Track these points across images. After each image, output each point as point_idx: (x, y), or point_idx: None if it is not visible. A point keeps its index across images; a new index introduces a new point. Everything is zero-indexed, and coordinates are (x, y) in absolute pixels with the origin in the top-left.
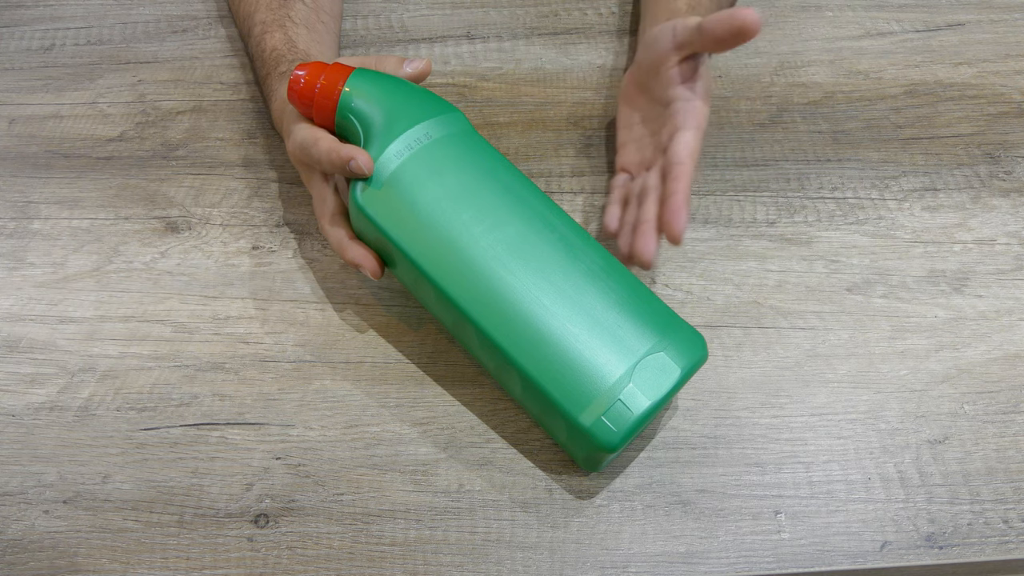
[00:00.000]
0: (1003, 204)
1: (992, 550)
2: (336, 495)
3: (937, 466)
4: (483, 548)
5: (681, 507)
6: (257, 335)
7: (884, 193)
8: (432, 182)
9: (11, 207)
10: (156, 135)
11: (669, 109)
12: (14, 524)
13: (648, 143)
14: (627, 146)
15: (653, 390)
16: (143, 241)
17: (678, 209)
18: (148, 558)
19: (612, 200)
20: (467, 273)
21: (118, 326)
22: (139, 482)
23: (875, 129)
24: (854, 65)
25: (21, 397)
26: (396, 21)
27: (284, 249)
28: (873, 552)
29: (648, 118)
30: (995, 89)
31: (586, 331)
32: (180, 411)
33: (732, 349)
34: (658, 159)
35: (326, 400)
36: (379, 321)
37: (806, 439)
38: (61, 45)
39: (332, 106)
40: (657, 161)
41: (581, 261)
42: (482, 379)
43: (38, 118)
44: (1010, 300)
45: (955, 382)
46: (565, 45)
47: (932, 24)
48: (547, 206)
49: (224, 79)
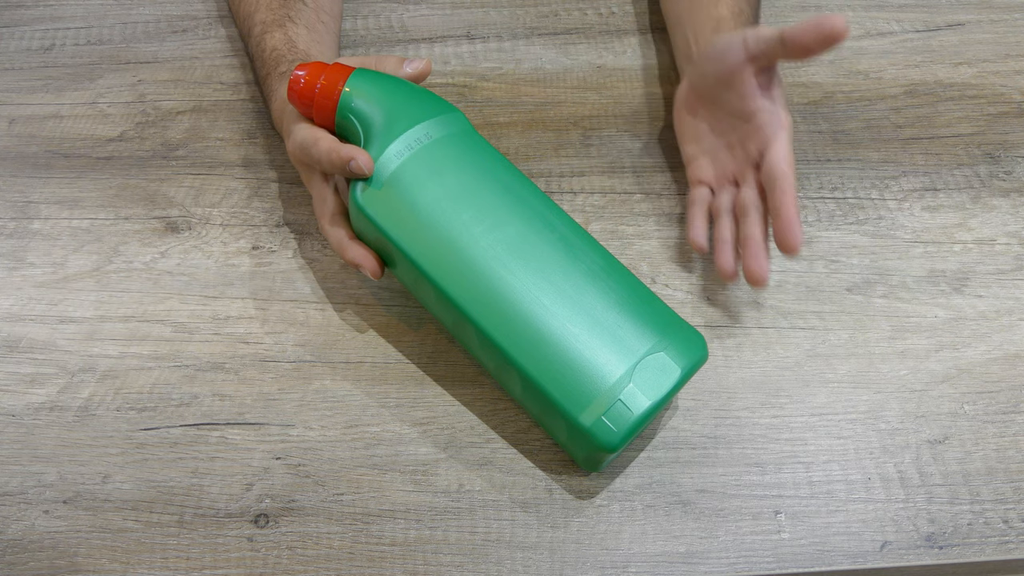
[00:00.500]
0: (1003, 204)
1: (992, 550)
2: (336, 495)
3: (937, 466)
4: (483, 548)
5: (681, 507)
6: (257, 335)
7: (884, 193)
8: (432, 182)
9: (11, 207)
10: (156, 135)
11: (753, 122)
12: (14, 524)
13: (726, 156)
14: (699, 160)
15: (653, 390)
16: (143, 241)
17: (792, 222)
18: (148, 558)
19: (696, 215)
20: (467, 273)
21: (118, 326)
22: (139, 482)
23: (875, 129)
24: (854, 65)
25: (21, 397)
26: (396, 21)
27: (284, 249)
28: (873, 552)
29: (720, 130)
30: (995, 89)
31: (586, 331)
32: (180, 411)
33: (732, 349)
34: (747, 172)
35: (326, 400)
36: (379, 321)
37: (806, 439)
38: (61, 45)
39: (332, 106)
40: (746, 174)
41: (581, 261)
42: (482, 379)
43: (38, 118)
44: (1010, 300)
45: (955, 382)
46: (565, 45)
47: (932, 24)
48: (547, 206)
49: (224, 79)
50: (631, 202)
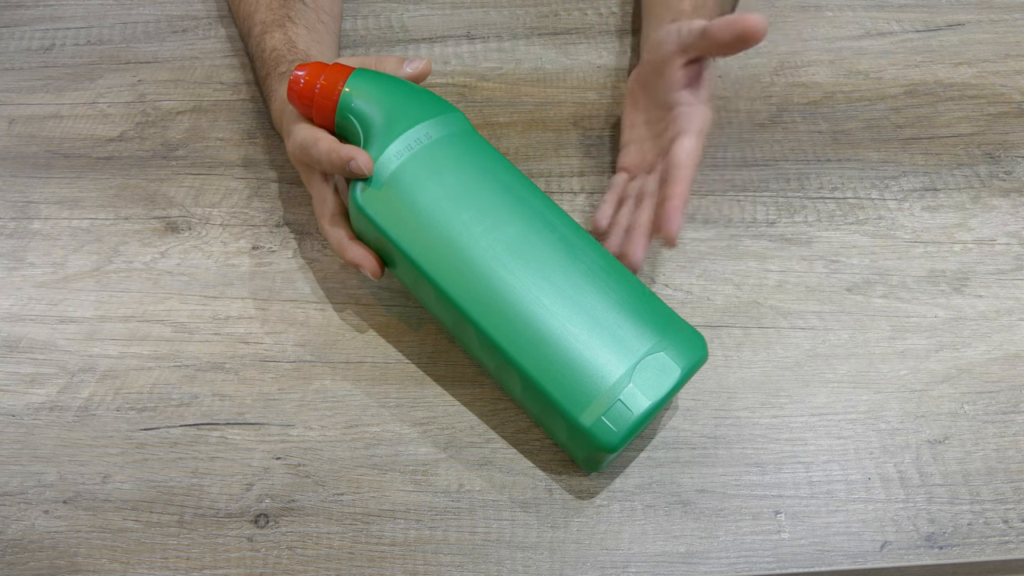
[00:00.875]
0: (1003, 204)
1: (992, 550)
2: (336, 495)
3: (937, 466)
4: (483, 548)
5: (681, 507)
6: (257, 335)
7: (884, 193)
8: (432, 182)
9: (11, 207)
10: (156, 135)
11: (672, 113)
12: (14, 524)
13: (650, 145)
14: (629, 147)
15: (653, 390)
16: (143, 241)
17: (674, 213)
18: (148, 558)
19: (606, 199)
20: (467, 273)
21: (118, 326)
22: (139, 482)
23: (875, 129)
24: (854, 65)
25: (21, 397)
26: (396, 21)
27: (284, 249)
28: (873, 552)
29: (651, 120)
30: (995, 89)
31: (586, 331)
32: (180, 411)
33: (732, 349)
34: (659, 162)
35: (326, 400)
36: (379, 321)
37: (806, 439)
38: (61, 45)
39: (332, 106)
40: (658, 164)
41: (581, 261)
42: (482, 379)
43: (38, 118)
44: (1010, 300)
45: (955, 382)
46: (565, 45)
47: (932, 24)
48: (547, 206)
49: (224, 79)
50: None
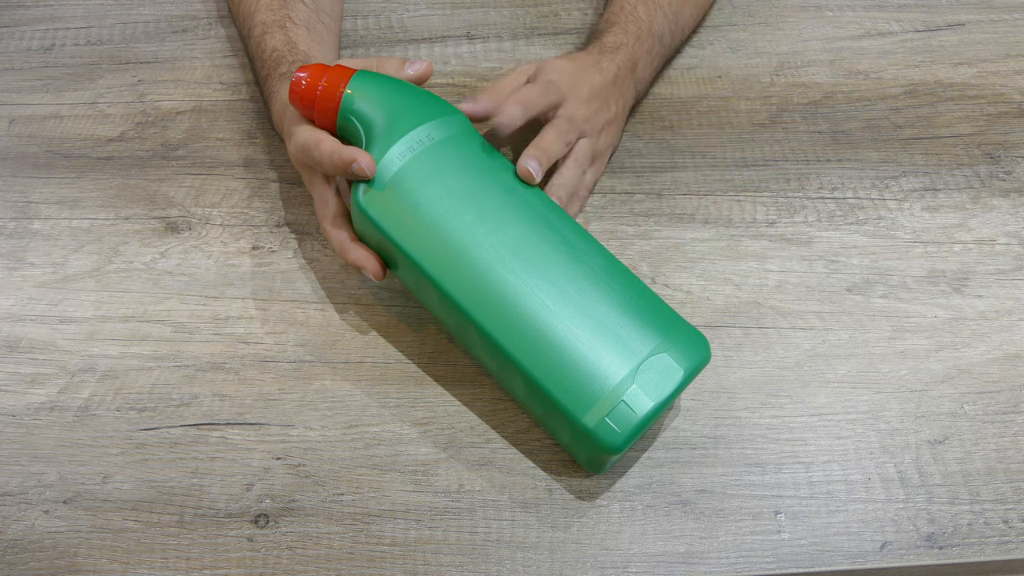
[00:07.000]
0: (1003, 204)
1: (992, 550)
2: (336, 495)
3: (937, 466)
4: (483, 548)
5: (681, 507)
6: (257, 335)
7: (884, 193)
8: (434, 184)
9: (11, 207)
10: (156, 135)
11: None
12: (14, 524)
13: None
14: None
15: (656, 391)
16: (143, 241)
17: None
18: (148, 558)
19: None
20: (469, 275)
21: (118, 326)
22: (139, 482)
23: (875, 129)
24: (854, 65)
25: (21, 397)
26: (396, 21)
27: (284, 249)
28: (873, 552)
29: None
30: (995, 89)
31: (589, 332)
32: (180, 411)
33: (732, 349)
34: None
35: (326, 400)
36: (379, 321)
37: (806, 439)
38: (61, 45)
39: (334, 108)
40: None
41: (583, 262)
42: (482, 379)
43: (38, 118)
44: (1010, 300)
45: (955, 382)
46: (565, 45)
47: (932, 24)
48: (549, 207)
49: (224, 79)
50: (631, 202)
